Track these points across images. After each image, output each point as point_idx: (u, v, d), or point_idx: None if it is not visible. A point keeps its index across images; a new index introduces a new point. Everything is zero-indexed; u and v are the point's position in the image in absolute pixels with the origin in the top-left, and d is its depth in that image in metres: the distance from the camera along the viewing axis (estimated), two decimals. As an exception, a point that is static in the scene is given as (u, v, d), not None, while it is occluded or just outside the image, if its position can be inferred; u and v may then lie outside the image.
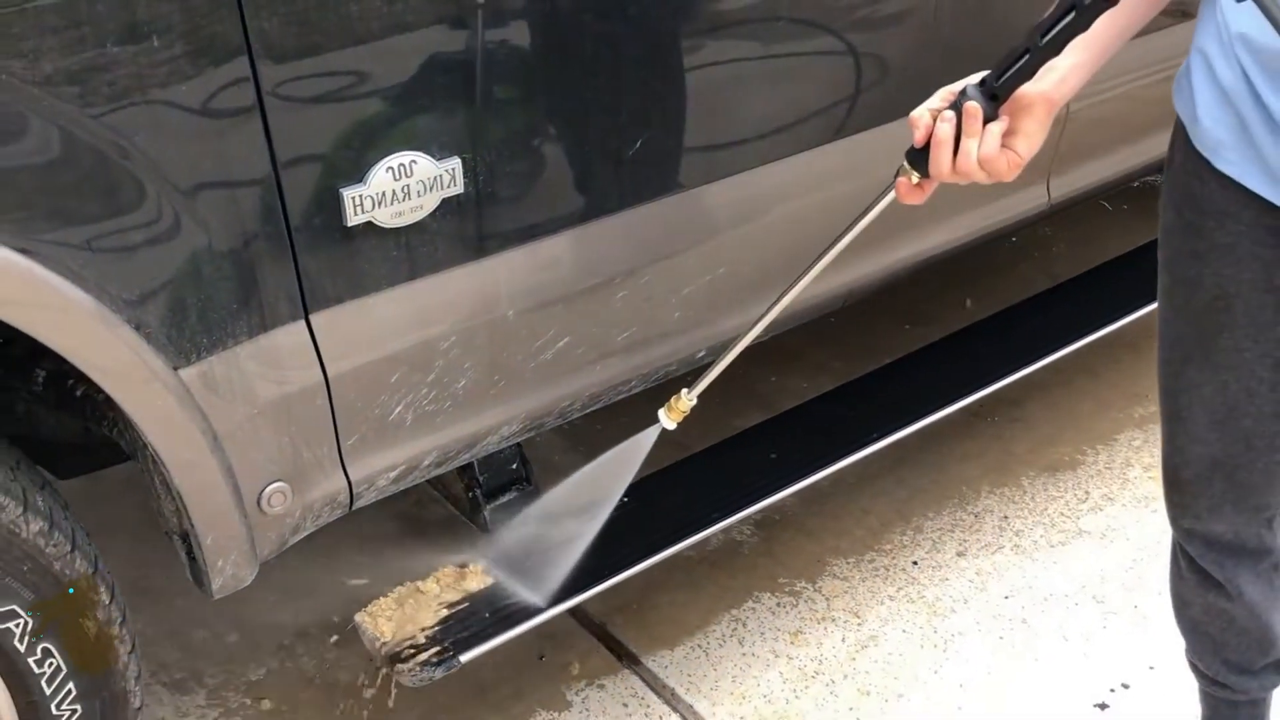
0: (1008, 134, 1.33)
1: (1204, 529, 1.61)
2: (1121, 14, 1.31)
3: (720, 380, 1.67)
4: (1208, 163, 1.39)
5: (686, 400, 1.67)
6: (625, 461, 1.84)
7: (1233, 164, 1.36)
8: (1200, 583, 1.69)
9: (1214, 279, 1.43)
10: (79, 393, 1.75)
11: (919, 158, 1.37)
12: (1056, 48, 1.26)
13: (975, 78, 1.33)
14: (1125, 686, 2.14)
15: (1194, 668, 1.81)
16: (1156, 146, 2.57)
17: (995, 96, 1.31)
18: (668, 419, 1.70)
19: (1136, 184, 3.26)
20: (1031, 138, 1.33)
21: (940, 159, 1.33)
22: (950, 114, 1.32)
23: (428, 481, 2.50)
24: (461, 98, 1.53)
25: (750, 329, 1.61)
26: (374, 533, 2.40)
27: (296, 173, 1.44)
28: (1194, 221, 1.44)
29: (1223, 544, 1.62)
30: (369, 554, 2.28)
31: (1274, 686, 1.77)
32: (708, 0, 1.73)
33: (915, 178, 1.38)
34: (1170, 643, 2.10)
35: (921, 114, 1.35)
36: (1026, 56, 1.28)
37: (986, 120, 1.31)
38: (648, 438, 1.79)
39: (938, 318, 3.00)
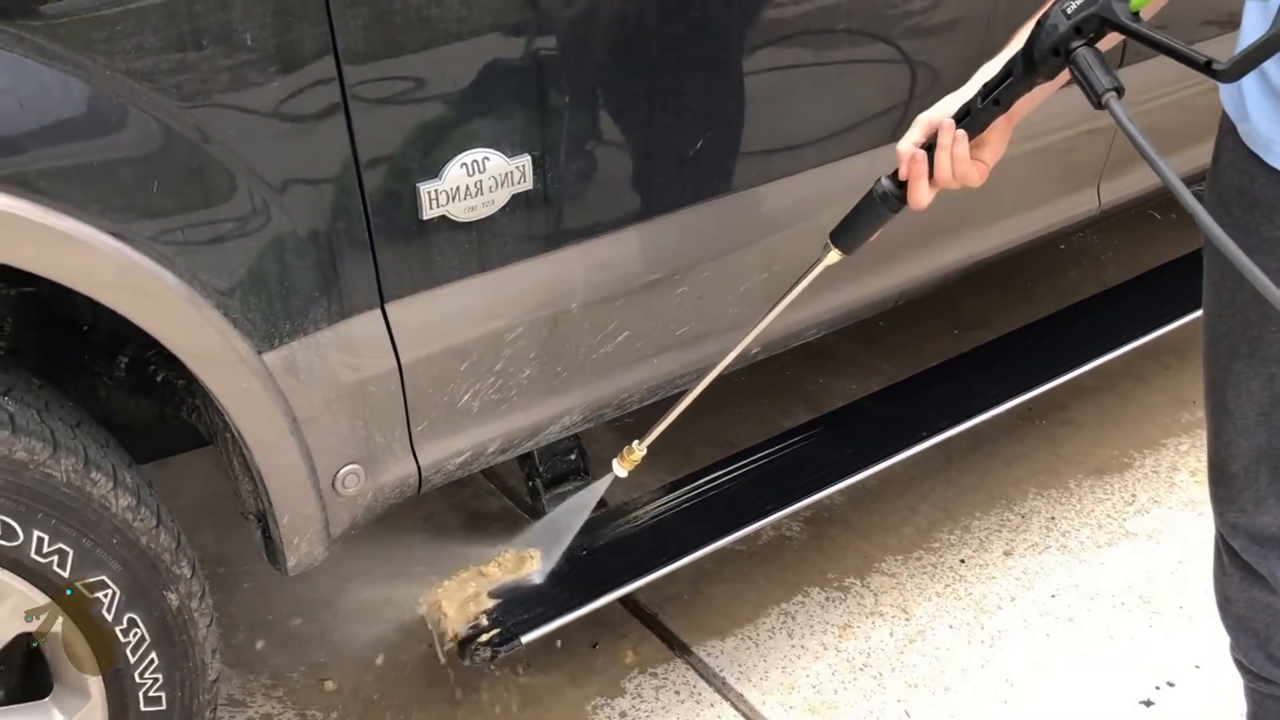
0: (975, 146, 1.49)
1: (1248, 522, 1.65)
2: None
3: (768, 380, 1.74)
4: (1258, 159, 1.43)
5: (638, 451, 1.85)
6: (579, 509, 2.01)
7: None
8: (1244, 578, 1.72)
9: (1263, 272, 1.46)
10: (160, 378, 1.83)
11: (844, 234, 1.60)
12: (1000, 105, 1.42)
13: (950, 105, 1.48)
14: (1170, 685, 2.17)
15: (1239, 664, 1.84)
16: (1200, 156, 2.62)
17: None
18: (620, 467, 1.88)
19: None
20: (995, 147, 1.50)
21: (919, 190, 1.50)
22: (922, 154, 1.49)
23: (483, 474, 2.59)
24: (532, 97, 1.59)
25: (697, 383, 1.78)
26: (436, 520, 2.47)
27: (376, 168, 1.51)
28: (1243, 218, 1.47)
29: (1266, 536, 1.65)
30: (431, 540, 2.35)
31: (1318, 680, 1.80)
32: (767, 7, 1.78)
33: (836, 256, 1.62)
34: (1215, 642, 2.13)
35: (905, 148, 1.51)
36: (970, 114, 1.45)
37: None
38: (601, 485, 1.97)
39: (986, 322, 3.04)
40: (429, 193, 1.55)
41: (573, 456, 2.06)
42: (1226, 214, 1.50)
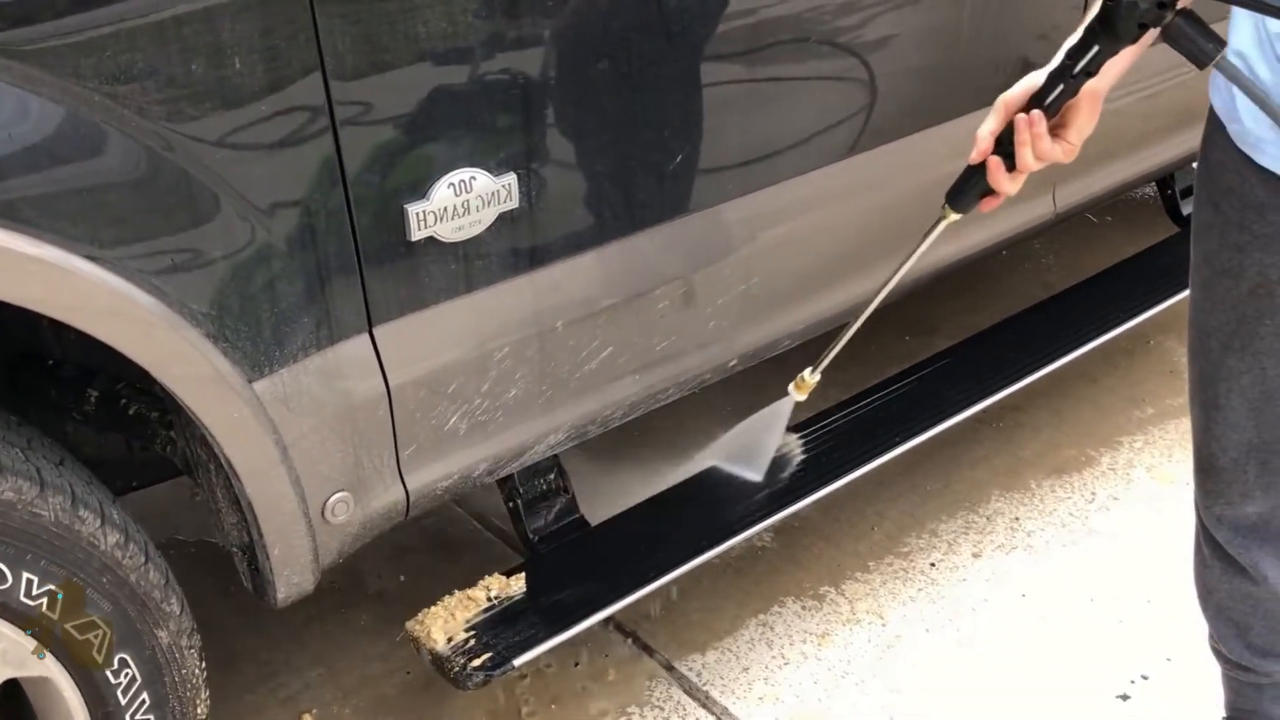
0: (1059, 126, 1.47)
1: (1234, 513, 1.68)
2: None
3: (734, 395, 1.75)
4: (1248, 159, 1.47)
5: (810, 378, 1.91)
6: (767, 427, 2.09)
7: (1275, 159, 1.43)
8: (1225, 569, 1.75)
9: (1256, 268, 1.50)
10: (131, 411, 1.79)
11: (960, 195, 1.58)
12: (1091, 74, 1.40)
13: (1029, 81, 1.46)
14: (1145, 678, 2.21)
15: (1217, 653, 1.88)
16: (1150, 158, 2.68)
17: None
18: (797, 393, 1.93)
19: (1121, 195, 3.37)
20: (1082, 127, 1.48)
21: (999, 179, 1.51)
22: (994, 157, 1.49)
23: (454, 502, 2.56)
24: (517, 116, 1.59)
25: (865, 307, 1.85)
26: (420, 544, 2.44)
27: (364, 189, 1.49)
28: (1234, 216, 1.51)
29: (1249, 527, 1.69)
30: (415, 565, 2.31)
31: (1297, 669, 1.84)
32: (742, 27, 1.79)
33: (953, 216, 1.62)
34: (1185, 635, 2.17)
35: (983, 135, 1.50)
36: (1062, 86, 1.42)
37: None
38: (785, 406, 2.02)
39: (935, 329, 3.08)
40: (417, 214, 1.54)
41: (552, 476, 2.05)
42: (1218, 211, 1.54)
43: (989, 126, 1.50)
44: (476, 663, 1.81)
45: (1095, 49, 1.36)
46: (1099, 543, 2.52)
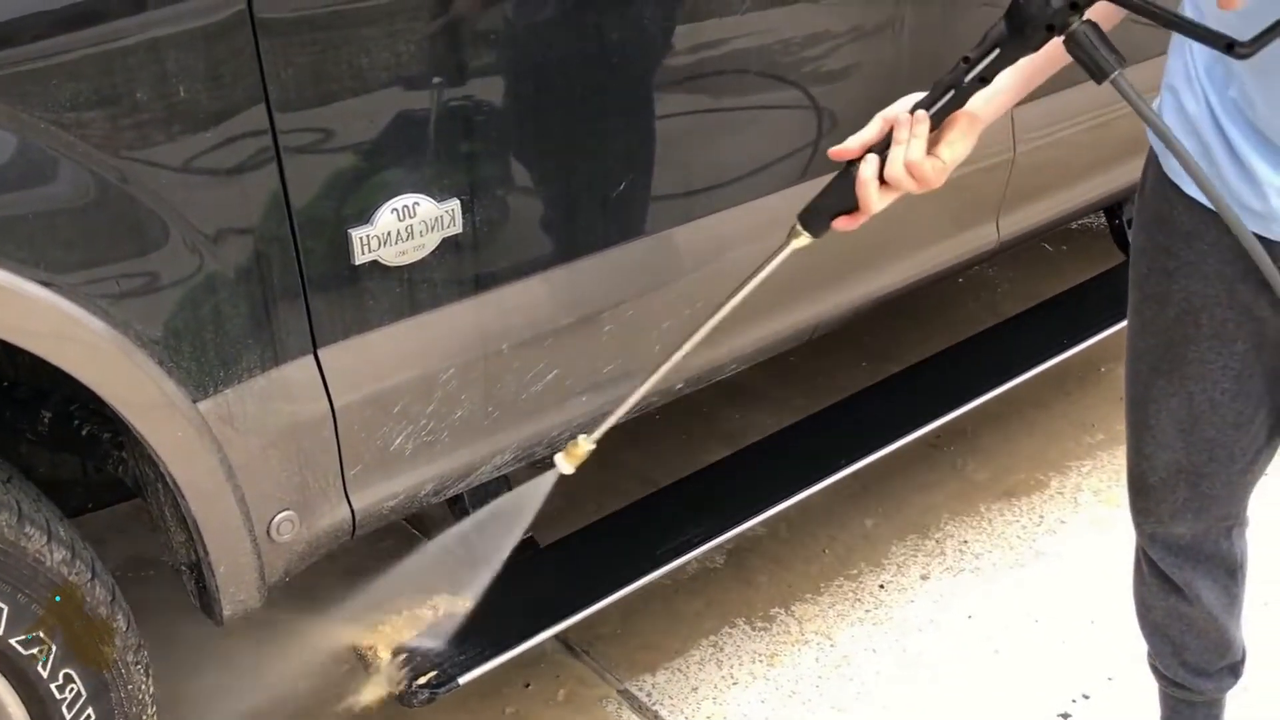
0: (933, 142, 1.37)
1: (1165, 533, 1.73)
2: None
3: (687, 418, 1.76)
4: (1177, 188, 1.52)
5: (584, 445, 1.61)
6: (524, 506, 1.80)
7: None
8: (1161, 587, 1.80)
9: (1182, 294, 1.54)
10: (84, 432, 1.82)
11: (815, 213, 1.44)
12: (985, 81, 1.33)
13: (909, 100, 1.40)
14: (1085, 697, 2.25)
15: (1155, 670, 1.92)
16: (1093, 189, 2.74)
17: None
18: (565, 463, 1.63)
19: (1076, 225, 3.44)
20: (955, 146, 1.38)
21: (868, 192, 1.38)
22: (873, 156, 1.37)
23: (405, 521, 2.58)
24: (460, 143, 1.63)
25: (649, 377, 1.61)
26: (362, 566, 2.46)
27: (308, 215, 1.53)
28: (1163, 242, 1.55)
29: (1182, 547, 1.73)
30: (360, 586, 2.33)
31: (1229, 688, 1.88)
32: (684, 55, 1.84)
33: (803, 239, 1.46)
34: (1126, 655, 2.21)
35: (852, 142, 1.40)
36: (954, 91, 1.34)
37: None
38: (546, 481, 1.73)
39: (891, 355, 3.13)
40: (360, 238, 1.58)
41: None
42: (1150, 239, 1.58)
43: (861, 137, 1.40)
44: (422, 680, 1.84)
45: (995, 53, 1.28)
46: (1045, 565, 2.57)
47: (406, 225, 1.61)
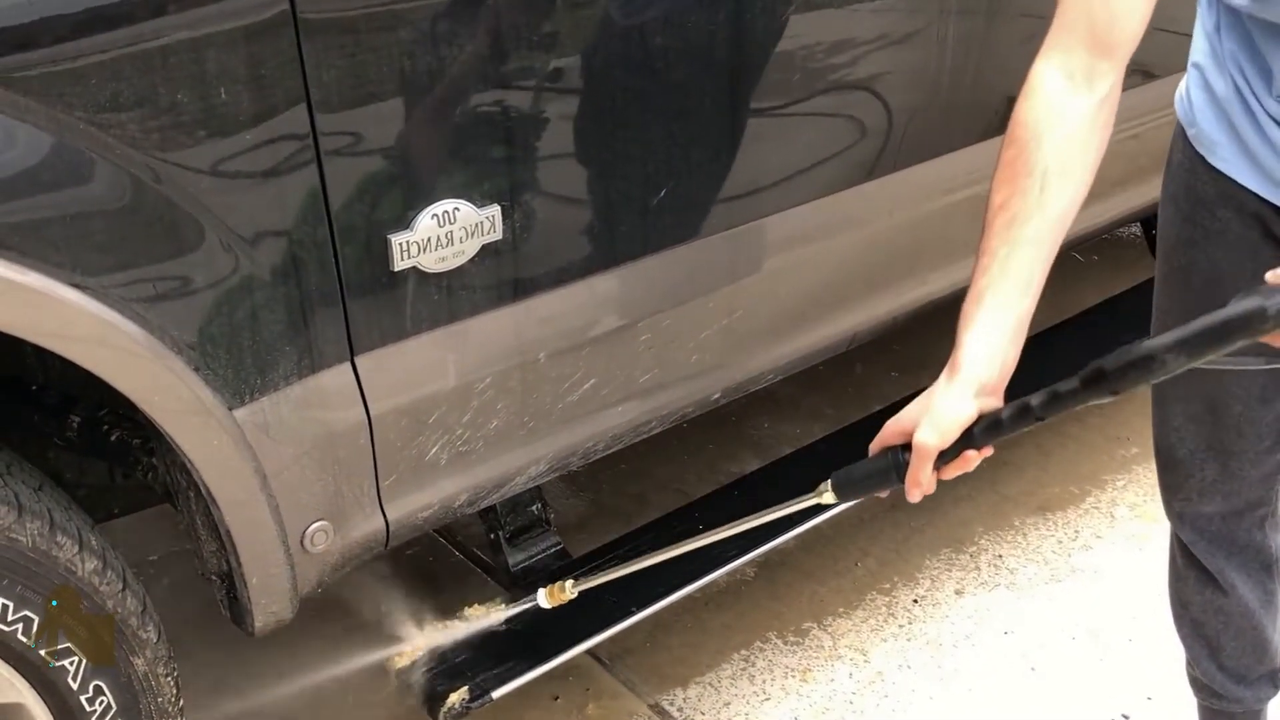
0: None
1: (1195, 512, 1.73)
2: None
3: (716, 427, 1.73)
4: (1203, 160, 1.56)
5: (569, 591, 1.77)
6: None
7: (1226, 160, 1.53)
8: (1197, 578, 1.79)
9: (1207, 262, 1.58)
10: (114, 438, 1.79)
11: (853, 482, 1.46)
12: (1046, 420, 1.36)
13: (918, 411, 1.42)
14: (1125, 717, 2.21)
15: (1193, 681, 1.89)
16: (1127, 201, 2.71)
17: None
18: (545, 599, 1.80)
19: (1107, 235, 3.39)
20: (959, 466, 1.43)
21: (924, 473, 1.41)
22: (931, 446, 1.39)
23: (436, 532, 2.55)
24: (501, 148, 1.60)
25: (664, 553, 1.70)
26: (394, 577, 2.43)
27: (347, 219, 1.50)
28: (1189, 212, 1.60)
29: (1214, 533, 1.73)
30: (394, 596, 2.31)
31: (1268, 699, 1.86)
32: (723, 64, 1.81)
33: (828, 498, 1.49)
34: (1166, 674, 2.17)
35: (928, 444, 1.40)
36: (1024, 425, 1.38)
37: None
38: (516, 608, 1.89)
39: (923, 365, 3.08)
40: (400, 244, 1.54)
41: (535, 508, 2.05)
42: (1177, 210, 1.62)
43: (934, 440, 1.39)
44: (455, 695, 1.80)
45: (1073, 404, 1.32)
46: (1081, 580, 2.52)
47: (447, 231, 1.58)
